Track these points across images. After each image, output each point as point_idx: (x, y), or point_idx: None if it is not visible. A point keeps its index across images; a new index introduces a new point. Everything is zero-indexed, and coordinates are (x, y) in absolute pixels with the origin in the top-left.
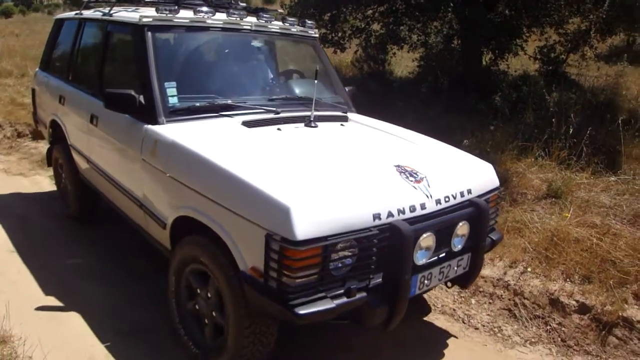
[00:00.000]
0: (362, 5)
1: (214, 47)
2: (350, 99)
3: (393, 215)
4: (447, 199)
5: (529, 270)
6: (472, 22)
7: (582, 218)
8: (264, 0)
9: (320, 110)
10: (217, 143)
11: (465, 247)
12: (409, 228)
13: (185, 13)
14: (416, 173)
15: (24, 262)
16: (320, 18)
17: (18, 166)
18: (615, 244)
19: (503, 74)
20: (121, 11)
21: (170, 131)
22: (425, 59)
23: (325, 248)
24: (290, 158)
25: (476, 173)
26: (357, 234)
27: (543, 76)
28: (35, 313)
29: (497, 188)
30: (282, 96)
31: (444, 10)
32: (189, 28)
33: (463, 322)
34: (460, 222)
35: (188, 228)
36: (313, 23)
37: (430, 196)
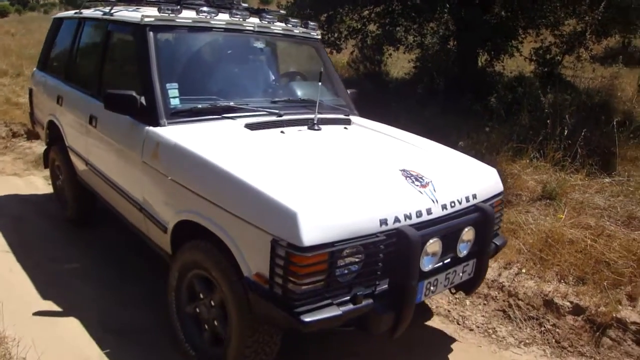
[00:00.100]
0: (359, 6)
1: (216, 48)
2: (352, 102)
3: (399, 220)
4: (453, 204)
5: (524, 271)
6: (468, 23)
7: (577, 219)
8: (260, 0)
9: (323, 113)
10: (221, 146)
11: (470, 253)
12: (416, 234)
13: (187, 13)
14: (422, 177)
15: (18, 263)
16: (316, 18)
17: (12, 166)
18: (609, 246)
19: (499, 75)
20: (122, 10)
21: (172, 133)
22: (421, 60)
23: (331, 254)
24: (295, 162)
25: (481, 178)
26: (364, 240)
27: (538, 77)
28: (29, 314)
29: (502, 193)
30: (285, 98)
31: (440, 11)
32: (191, 28)
33: (457, 324)
34: (466, 228)
35: (189, 232)
36: (316, 24)
37: (436, 201)
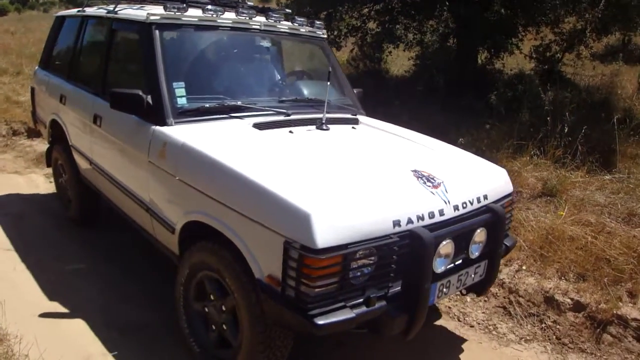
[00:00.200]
0: (358, 3)
1: (222, 47)
2: (358, 101)
3: (412, 222)
4: (465, 205)
5: (524, 268)
6: (468, 21)
7: (577, 216)
8: None
9: (330, 112)
10: (230, 146)
11: (481, 254)
12: (430, 235)
13: (193, 12)
14: (433, 178)
15: (19, 261)
16: (316, 16)
17: (13, 164)
18: (609, 242)
19: (499, 73)
20: (126, 8)
21: (179, 133)
22: (421, 58)
23: (345, 256)
24: (306, 162)
25: (491, 178)
26: (377, 242)
27: (538, 75)
28: (31, 311)
29: (511, 193)
30: (292, 98)
31: (440, 8)
32: (197, 27)
33: (458, 320)
34: (478, 229)
35: (197, 233)
36: (322, 23)
37: (448, 202)
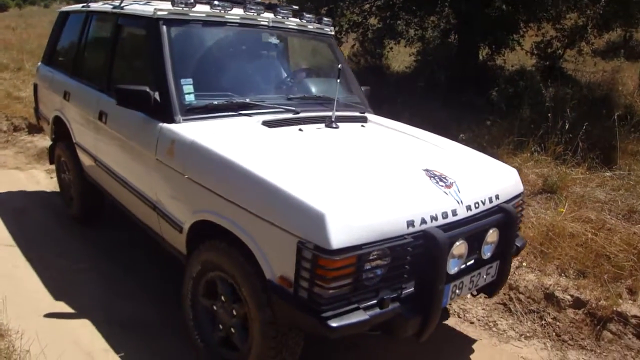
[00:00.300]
0: None
1: (230, 43)
2: (366, 99)
3: (426, 222)
4: (477, 205)
5: (524, 264)
6: (469, 17)
7: (578, 213)
8: None
9: (339, 110)
10: (240, 144)
11: (493, 255)
12: (444, 235)
13: (200, 7)
14: (445, 178)
15: (21, 256)
16: (316, 12)
17: (14, 160)
18: (610, 239)
19: (500, 69)
20: (132, 4)
21: (188, 130)
22: (422, 54)
23: (359, 257)
24: (318, 161)
25: (502, 178)
26: (391, 242)
27: (540, 71)
28: (32, 307)
29: (522, 193)
30: (300, 95)
31: (441, 4)
32: (205, 22)
33: (458, 317)
34: (490, 229)
35: (205, 232)
36: (329, 20)
37: (460, 202)
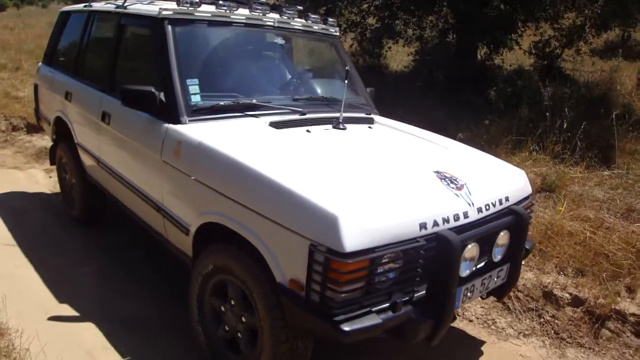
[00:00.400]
0: None
1: (236, 43)
2: (371, 100)
3: (438, 224)
4: (488, 207)
5: (523, 263)
6: (467, 17)
7: (576, 212)
8: None
9: (345, 111)
10: (249, 145)
11: (504, 258)
12: (457, 238)
13: (206, 7)
14: (456, 180)
15: (20, 255)
16: (314, 11)
17: (13, 160)
18: (608, 238)
19: (498, 69)
20: (135, 3)
21: (195, 131)
22: (420, 53)
23: (372, 260)
24: (327, 163)
25: (511, 180)
26: (404, 245)
27: (538, 71)
28: (32, 306)
29: (530, 195)
30: (306, 96)
31: (439, 4)
32: (211, 22)
33: (457, 315)
34: (501, 232)
35: (212, 235)
36: (335, 21)
37: (472, 204)
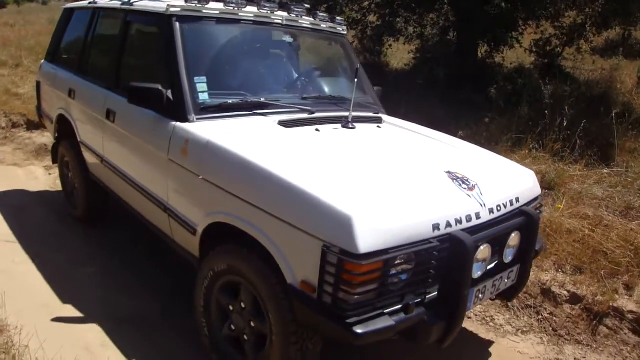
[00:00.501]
0: None
1: (244, 41)
2: (378, 100)
3: (451, 225)
4: (499, 208)
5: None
6: (468, 15)
7: (575, 209)
8: None
9: (354, 110)
10: (259, 144)
11: (514, 259)
12: (471, 239)
13: (214, 5)
14: (468, 180)
15: (19, 252)
16: (315, 9)
17: (13, 157)
18: (607, 236)
19: (498, 67)
20: (142, 0)
21: (203, 130)
22: (421, 51)
23: (386, 262)
24: (339, 163)
25: (521, 180)
26: (418, 246)
27: (538, 69)
28: (31, 302)
29: (540, 196)
30: (315, 95)
31: (440, 2)
32: (219, 20)
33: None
34: (512, 233)
35: (220, 235)
36: (342, 19)
37: (484, 205)
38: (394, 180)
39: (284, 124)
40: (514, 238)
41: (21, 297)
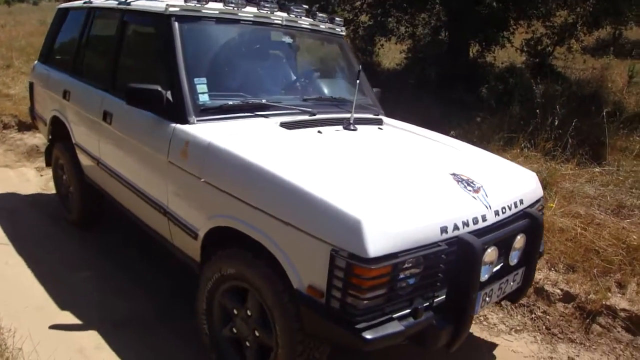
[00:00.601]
0: None
1: (244, 42)
2: (378, 101)
3: (458, 228)
4: (504, 210)
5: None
6: (460, 14)
7: (567, 208)
8: None
9: (355, 112)
10: (261, 146)
11: (519, 261)
12: (479, 241)
13: (213, 5)
14: (473, 182)
15: (12, 254)
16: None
17: (4, 158)
18: (599, 234)
19: (490, 66)
20: (138, 0)
21: (204, 132)
22: (412, 51)
23: (395, 266)
24: (343, 165)
25: (524, 182)
26: (426, 250)
27: (529, 68)
28: (24, 305)
29: (542, 198)
30: (315, 96)
31: (432, 2)
32: (218, 20)
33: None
34: (518, 235)
35: (222, 239)
36: (341, 20)
37: (489, 207)
38: (400, 182)
39: (286, 126)
40: (520, 240)
41: (14, 299)
